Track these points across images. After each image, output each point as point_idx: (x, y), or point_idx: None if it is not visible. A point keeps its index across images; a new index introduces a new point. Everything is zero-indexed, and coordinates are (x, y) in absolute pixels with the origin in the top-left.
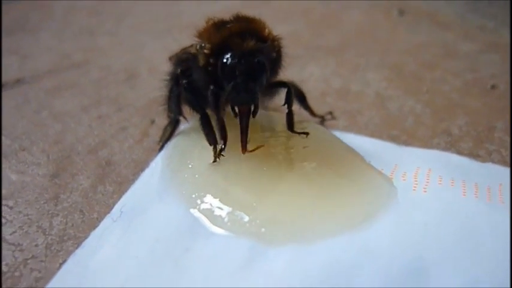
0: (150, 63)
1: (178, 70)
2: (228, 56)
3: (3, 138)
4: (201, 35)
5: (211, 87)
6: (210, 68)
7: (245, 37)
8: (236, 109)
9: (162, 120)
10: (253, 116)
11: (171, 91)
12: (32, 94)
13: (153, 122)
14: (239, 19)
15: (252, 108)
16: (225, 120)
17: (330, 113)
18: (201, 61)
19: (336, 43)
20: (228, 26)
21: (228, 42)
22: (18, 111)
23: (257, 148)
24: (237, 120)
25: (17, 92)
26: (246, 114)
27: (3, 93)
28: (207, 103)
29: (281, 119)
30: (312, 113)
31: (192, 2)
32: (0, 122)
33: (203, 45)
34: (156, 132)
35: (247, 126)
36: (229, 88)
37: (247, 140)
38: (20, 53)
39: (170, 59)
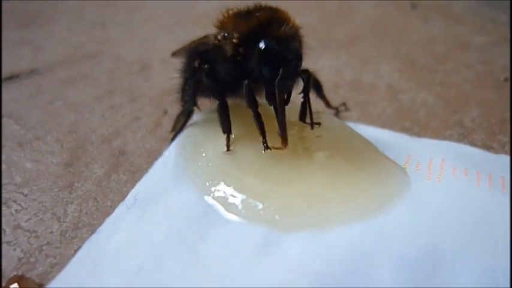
0: (163, 54)
1: (196, 63)
2: (266, 43)
3: (18, 127)
4: (223, 25)
5: (246, 81)
6: (238, 58)
7: (274, 25)
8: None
9: (175, 111)
10: (287, 104)
11: (185, 83)
12: (45, 84)
13: (165, 112)
14: (263, 8)
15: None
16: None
17: (344, 104)
18: (229, 51)
19: (348, 35)
20: (256, 15)
21: (258, 30)
22: (32, 101)
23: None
24: (250, 111)
25: (31, 83)
26: (285, 102)
27: (18, 84)
28: (227, 92)
29: (294, 109)
30: (327, 103)
31: None
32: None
33: (227, 34)
34: (168, 123)
35: (285, 116)
36: (282, 74)
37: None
38: (34, 44)
39: (175, 53)
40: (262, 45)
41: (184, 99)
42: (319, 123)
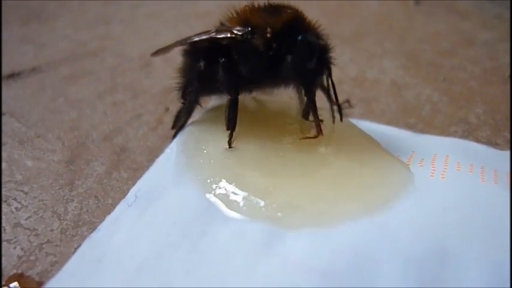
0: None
1: (201, 64)
2: (306, 37)
3: (19, 125)
4: (243, 20)
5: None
6: (271, 53)
7: (304, 22)
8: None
9: (177, 108)
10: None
11: (188, 80)
12: (47, 82)
13: (167, 109)
14: (287, 6)
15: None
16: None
17: (347, 101)
18: (261, 46)
19: (352, 31)
20: (287, 11)
21: (292, 26)
22: (34, 98)
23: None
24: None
25: (33, 80)
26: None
27: (19, 82)
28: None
29: (295, 106)
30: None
31: None
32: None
33: (253, 29)
34: (170, 120)
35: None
36: (318, 66)
37: None
38: (36, 41)
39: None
40: (302, 38)
41: (186, 97)
42: (321, 120)
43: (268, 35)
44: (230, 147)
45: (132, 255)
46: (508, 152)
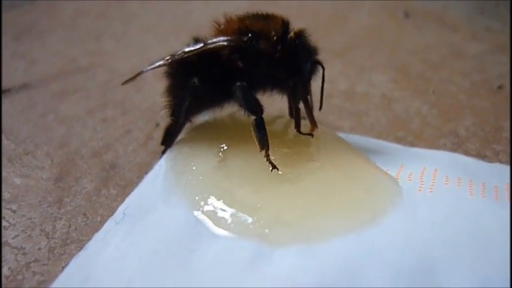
0: None
1: (195, 81)
2: (306, 38)
3: (8, 142)
4: (240, 28)
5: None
6: (278, 55)
7: (289, 25)
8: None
9: (166, 124)
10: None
11: (180, 97)
12: (38, 98)
13: (157, 125)
14: (268, 13)
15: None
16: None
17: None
18: (268, 48)
19: (342, 44)
20: (275, 16)
21: (285, 29)
22: (23, 115)
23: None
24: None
25: (23, 97)
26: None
27: (9, 98)
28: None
29: (284, 121)
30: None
31: (198, 4)
32: (0, 124)
33: (257, 35)
34: (160, 136)
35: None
36: (313, 66)
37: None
38: (27, 57)
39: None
40: (301, 42)
41: (175, 114)
42: (311, 135)
43: (274, 38)
44: (275, 167)
45: (120, 273)
46: (497, 165)
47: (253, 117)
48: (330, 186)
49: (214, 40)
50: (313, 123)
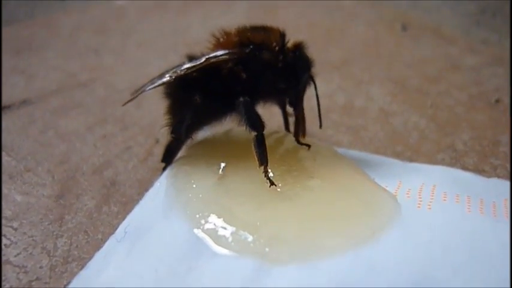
0: None
1: (197, 98)
2: (305, 50)
3: (9, 159)
4: (241, 41)
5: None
6: (280, 65)
7: (285, 37)
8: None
9: (167, 140)
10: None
11: (181, 114)
12: (38, 114)
13: (157, 141)
14: (265, 25)
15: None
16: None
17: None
18: (271, 59)
19: (339, 57)
20: (273, 29)
21: (283, 41)
22: (24, 131)
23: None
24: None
25: (23, 113)
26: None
27: (9, 114)
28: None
29: (284, 136)
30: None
31: (196, 18)
32: (0, 141)
33: (258, 46)
34: (160, 152)
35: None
36: (309, 77)
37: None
38: (27, 72)
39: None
40: (301, 52)
41: (176, 131)
42: (308, 145)
43: (276, 48)
44: (273, 184)
45: None
46: (495, 180)
47: (254, 133)
48: (329, 204)
49: (217, 54)
50: (304, 133)
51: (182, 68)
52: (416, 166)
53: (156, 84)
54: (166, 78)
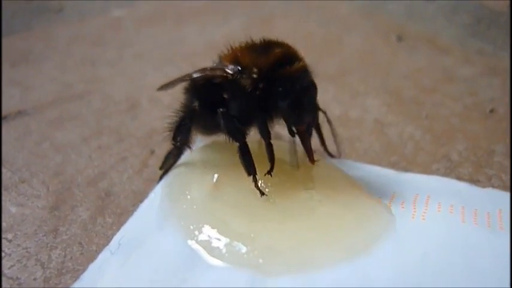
0: (152, 93)
1: (196, 103)
2: (291, 79)
3: (4, 170)
4: (235, 59)
5: (260, 114)
6: (258, 92)
7: (291, 60)
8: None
9: (162, 151)
10: (311, 134)
11: (181, 121)
12: (33, 126)
13: (153, 152)
14: (276, 44)
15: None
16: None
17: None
18: (248, 86)
19: (335, 68)
20: (274, 50)
21: (278, 66)
22: (19, 143)
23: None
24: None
25: (19, 124)
26: (308, 132)
27: (5, 125)
28: (246, 129)
29: (278, 146)
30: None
31: (193, 30)
32: (0, 154)
33: (243, 69)
34: (155, 163)
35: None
36: (305, 107)
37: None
38: (23, 84)
39: (163, 87)
40: (286, 81)
41: (176, 138)
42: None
43: (255, 76)
44: (263, 194)
45: None
46: (489, 190)
47: (236, 144)
48: (323, 215)
49: (212, 67)
50: (312, 158)
51: (193, 72)
52: (410, 176)
53: (173, 80)
54: (184, 78)
